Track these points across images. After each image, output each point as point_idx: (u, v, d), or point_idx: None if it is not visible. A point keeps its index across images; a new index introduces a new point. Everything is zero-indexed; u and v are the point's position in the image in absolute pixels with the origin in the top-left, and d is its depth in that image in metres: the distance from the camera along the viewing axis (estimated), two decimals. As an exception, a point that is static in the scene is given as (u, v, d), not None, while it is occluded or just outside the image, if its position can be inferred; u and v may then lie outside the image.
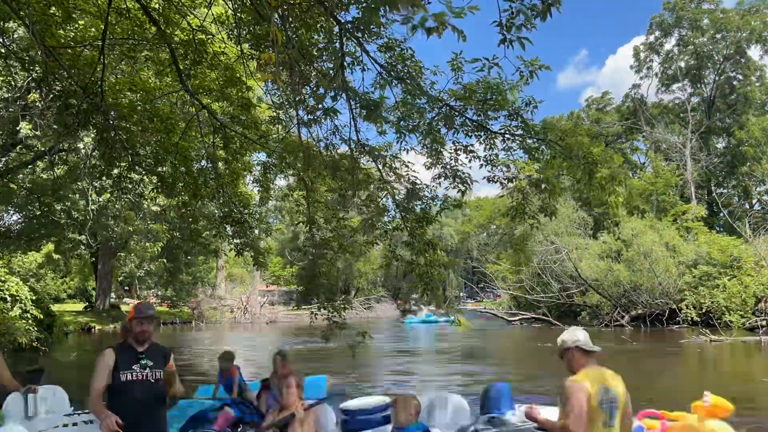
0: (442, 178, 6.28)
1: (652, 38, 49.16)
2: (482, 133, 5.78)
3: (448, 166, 6.19)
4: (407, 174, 6.22)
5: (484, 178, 6.24)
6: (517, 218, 6.26)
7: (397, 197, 6.16)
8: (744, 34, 44.05)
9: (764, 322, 24.63)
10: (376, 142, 6.57)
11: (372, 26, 5.21)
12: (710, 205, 44.69)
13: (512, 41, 4.41)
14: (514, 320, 34.57)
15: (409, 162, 6.47)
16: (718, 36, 45.13)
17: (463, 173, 6.21)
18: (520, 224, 6.72)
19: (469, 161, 6.19)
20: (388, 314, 48.75)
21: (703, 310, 27.00)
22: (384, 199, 6.42)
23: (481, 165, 6.14)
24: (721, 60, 45.75)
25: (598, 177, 5.30)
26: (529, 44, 4.58)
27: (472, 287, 72.92)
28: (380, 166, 5.97)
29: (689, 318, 27.00)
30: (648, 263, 28.60)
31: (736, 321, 25.83)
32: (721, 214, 43.82)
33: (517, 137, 5.61)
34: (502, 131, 5.68)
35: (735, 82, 46.81)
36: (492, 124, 5.70)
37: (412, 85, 5.31)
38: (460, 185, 6.23)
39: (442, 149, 6.04)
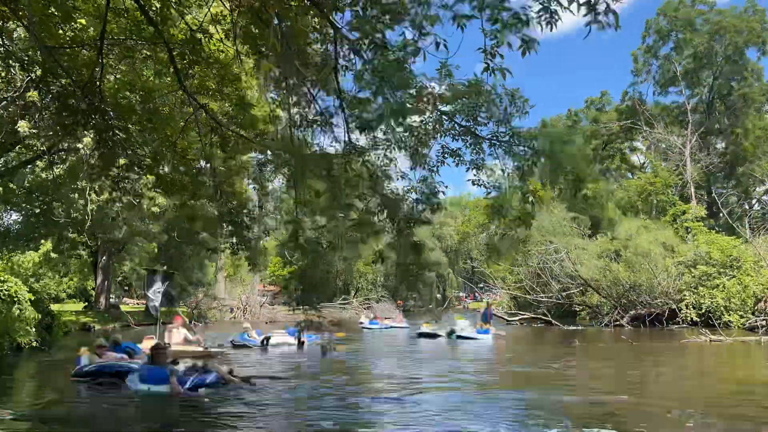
0: (414, 194, 6.33)
1: (649, 41, 49.26)
2: (469, 138, 5.84)
3: (424, 186, 6.24)
4: (397, 176, 6.26)
5: (468, 180, 6.28)
6: (500, 222, 6.33)
7: (384, 198, 6.18)
8: (742, 36, 44.11)
9: (764, 322, 24.66)
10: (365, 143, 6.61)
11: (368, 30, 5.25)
12: (710, 206, 44.72)
13: (495, 70, 4.58)
14: (513, 320, 34.60)
15: (400, 170, 6.52)
16: (716, 37, 45.19)
17: (436, 189, 6.26)
18: (505, 226, 6.75)
19: (456, 165, 6.25)
20: (387, 314, 48.74)
21: (703, 310, 27.04)
22: (374, 199, 6.44)
23: (468, 168, 6.20)
24: (719, 61, 45.79)
25: (582, 195, 5.37)
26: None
27: (472, 287, 72.99)
28: (370, 167, 6.01)
29: (689, 318, 27.04)
30: (647, 263, 28.63)
31: (736, 321, 25.87)
32: (721, 215, 43.85)
33: (503, 144, 5.67)
34: (489, 137, 5.75)
35: (733, 83, 46.86)
36: (480, 130, 5.77)
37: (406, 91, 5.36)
38: (432, 198, 6.28)
39: (427, 153, 6.10)
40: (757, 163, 43.53)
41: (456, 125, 5.70)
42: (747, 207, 47.66)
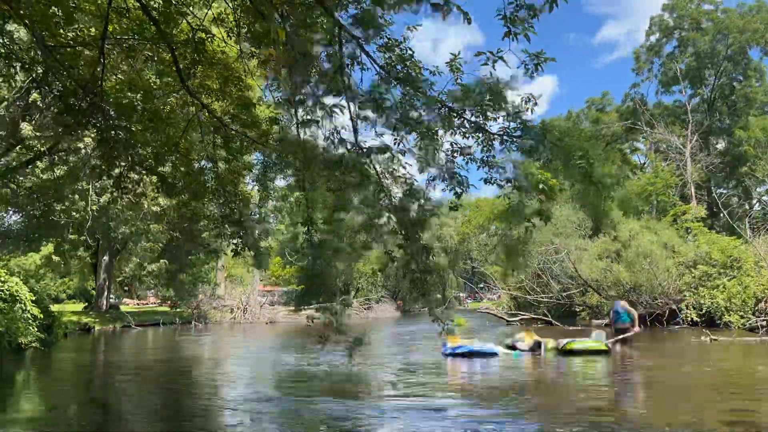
0: (438, 180, 6.29)
1: (652, 39, 49.20)
2: (480, 134, 5.79)
3: (444, 168, 6.20)
4: (404, 175, 6.23)
5: (481, 179, 6.24)
6: (513, 221, 6.28)
7: (393, 200, 6.15)
8: (745, 35, 44.04)
9: (764, 323, 24.63)
10: (373, 144, 6.58)
11: (372, 25, 5.23)
12: (710, 206, 44.68)
13: (517, 34, 4.46)
14: (513, 320, 34.57)
15: (407, 163, 6.49)
16: (719, 37, 45.12)
17: (460, 175, 6.22)
18: (516, 227, 6.70)
19: (467, 163, 6.21)
20: (387, 315, 48.78)
21: (703, 311, 27.02)
22: (382, 201, 6.42)
23: (479, 167, 6.15)
24: (722, 61, 45.74)
25: (594, 180, 5.33)
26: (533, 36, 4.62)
27: (472, 287, 72.97)
28: (378, 168, 5.98)
29: (689, 318, 27.03)
30: (647, 264, 28.59)
31: (736, 321, 25.85)
32: (721, 215, 43.79)
33: (515, 138, 5.63)
34: (501, 133, 5.69)
35: (735, 83, 46.80)
36: (490, 126, 5.72)
37: (413, 86, 5.33)
38: (456, 187, 6.24)
39: (437, 150, 6.06)
40: (758, 164, 43.46)
41: (465, 121, 5.65)
42: (747, 207, 47.60)
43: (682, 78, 47.40)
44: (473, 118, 5.61)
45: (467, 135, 5.92)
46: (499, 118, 5.57)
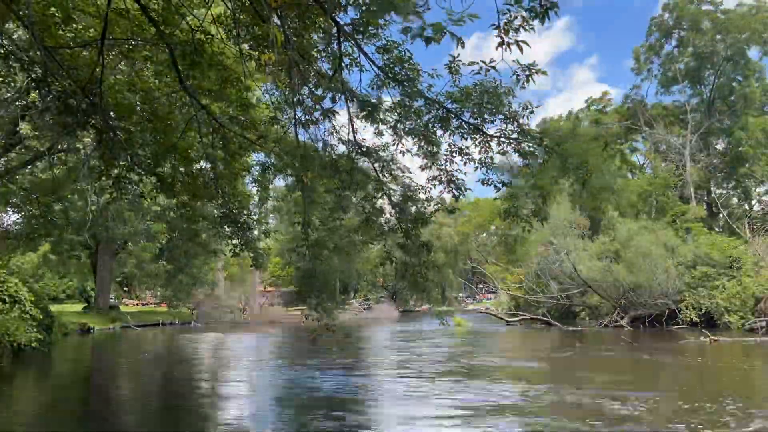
0: (437, 182, 6.33)
1: (652, 39, 49.16)
2: (478, 136, 5.81)
3: (443, 170, 6.23)
4: (403, 176, 6.25)
5: (479, 180, 6.28)
6: (511, 221, 6.31)
7: (393, 198, 6.18)
8: (744, 35, 44.03)
9: (764, 323, 24.66)
10: (372, 143, 6.61)
11: (370, 28, 5.24)
12: (709, 206, 44.64)
13: (510, 44, 4.47)
14: (513, 321, 34.58)
15: (405, 166, 6.52)
16: (718, 37, 45.11)
17: (458, 179, 6.29)
18: (517, 226, 6.73)
19: (465, 164, 6.24)
20: (387, 315, 48.79)
21: (703, 311, 27.04)
22: (380, 200, 6.45)
23: (476, 168, 6.19)
24: (721, 61, 45.74)
25: (591, 186, 5.35)
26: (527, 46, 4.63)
27: (471, 288, 72.97)
28: (377, 167, 6.00)
29: (689, 319, 27.04)
30: (646, 264, 28.61)
31: (736, 322, 25.87)
32: (721, 215, 43.83)
33: (512, 141, 5.64)
34: (498, 135, 5.72)
35: (735, 83, 46.78)
36: (488, 128, 5.74)
37: (410, 87, 5.35)
38: (454, 190, 6.28)
39: (437, 151, 6.09)
40: (757, 164, 43.45)
41: (464, 123, 5.67)
42: (747, 207, 47.60)
43: (682, 78, 47.39)
44: (471, 120, 5.63)
45: (465, 136, 5.94)
46: (496, 120, 5.60)
